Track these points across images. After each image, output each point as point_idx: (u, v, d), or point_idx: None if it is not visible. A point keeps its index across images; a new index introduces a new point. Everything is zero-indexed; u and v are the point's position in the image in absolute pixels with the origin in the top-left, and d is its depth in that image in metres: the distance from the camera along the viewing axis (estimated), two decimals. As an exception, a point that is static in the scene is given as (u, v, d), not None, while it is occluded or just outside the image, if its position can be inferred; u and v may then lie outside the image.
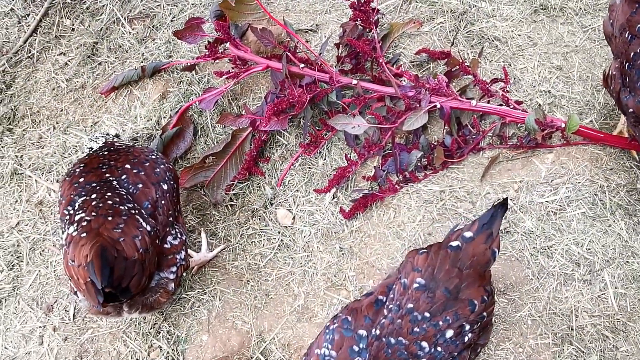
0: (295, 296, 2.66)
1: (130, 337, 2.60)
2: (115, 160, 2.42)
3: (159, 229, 2.31)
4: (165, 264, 2.31)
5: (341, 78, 2.78)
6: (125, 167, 2.39)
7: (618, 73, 2.39)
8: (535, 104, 2.87)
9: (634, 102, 2.28)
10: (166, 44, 3.29)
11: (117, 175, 2.36)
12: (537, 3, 3.15)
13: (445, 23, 3.13)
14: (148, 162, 2.44)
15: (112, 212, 2.17)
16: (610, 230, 2.58)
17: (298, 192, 2.88)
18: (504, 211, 2.03)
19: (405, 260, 2.05)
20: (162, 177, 2.43)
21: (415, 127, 2.67)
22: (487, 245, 1.97)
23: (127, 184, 2.35)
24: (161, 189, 2.39)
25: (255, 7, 2.81)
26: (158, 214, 2.34)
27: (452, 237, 2.00)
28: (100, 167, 2.39)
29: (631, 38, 2.30)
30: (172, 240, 2.38)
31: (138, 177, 2.37)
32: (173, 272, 2.34)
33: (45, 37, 3.43)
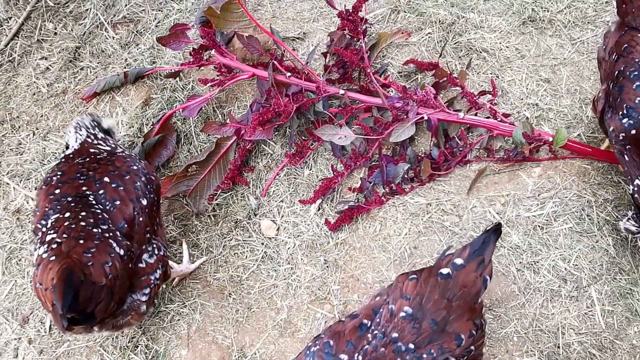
0: (278, 310, 2.60)
1: (107, 351, 2.53)
2: (94, 170, 2.31)
3: (134, 250, 2.24)
4: (138, 286, 2.24)
5: (328, 88, 2.74)
6: (104, 181, 2.28)
7: (603, 95, 2.40)
8: (523, 116, 2.85)
9: (614, 121, 2.27)
10: (150, 49, 3.23)
11: (95, 189, 2.25)
12: (525, 15, 3.13)
13: (433, 34, 3.11)
14: (129, 174, 2.34)
15: (84, 235, 2.08)
16: (598, 245, 2.55)
17: (283, 203, 2.82)
18: (497, 237, 1.98)
19: (395, 284, 1.99)
20: (143, 192, 2.33)
21: (402, 138, 2.64)
22: (478, 274, 1.92)
23: (104, 199, 2.24)
24: (140, 205, 2.29)
25: (241, 14, 2.76)
26: (134, 233, 2.24)
27: (442, 263, 1.94)
28: (78, 178, 2.28)
29: (617, 58, 2.31)
30: (148, 258, 2.30)
31: (116, 193, 2.26)
32: (146, 294, 2.26)
33: (27, 41, 3.36)
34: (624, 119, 2.23)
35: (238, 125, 2.77)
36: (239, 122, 2.84)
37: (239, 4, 2.67)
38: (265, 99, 2.78)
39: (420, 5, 3.19)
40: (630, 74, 2.24)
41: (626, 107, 2.23)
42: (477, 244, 1.93)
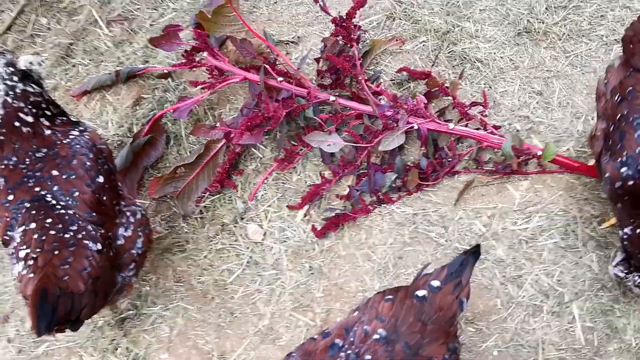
0: (261, 316, 2.60)
1: (87, 353, 2.53)
2: (40, 170, 2.15)
3: (111, 231, 2.19)
4: (123, 265, 2.21)
5: (319, 94, 2.73)
6: (53, 175, 2.14)
7: (602, 135, 2.31)
8: (514, 129, 2.84)
9: (612, 167, 2.17)
10: (143, 48, 3.21)
11: (48, 187, 2.12)
12: (521, 26, 3.12)
13: (427, 42, 3.09)
14: (75, 158, 2.17)
15: (58, 245, 2.01)
16: (581, 262, 2.55)
17: (270, 208, 2.82)
18: (476, 259, 1.97)
19: (371, 304, 1.97)
20: (95, 169, 2.20)
21: (392, 147, 2.63)
22: (454, 296, 1.91)
23: (62, 195, 2.12)
24: (98, 184, 2.18)
25: (234, 18, 2.74)
26: (104, 214, 2.17)
27: (419, 284, 1.94)
28: (27, 182, 2.14)
29: (620, 100, 2.22)
30: (124, 232, 2.24)
31: (70, 184, 2.13)
32: (131, 269, 2.25)
33: (19, 35, 3.35)
34: (622, 168, 2.13)
35: (228, 129, 2.76)
36: (229, 125, 2.83)
37: (231, 8, 2.65)
38: (256, 103, 2.77)
39: (415, 13, 3.17)
40: (633, 120, 2.13)
41: (626, 155, 2.12)
42: (455, 265, 1.93)
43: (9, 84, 2.12)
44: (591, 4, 3.15)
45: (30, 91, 2.18)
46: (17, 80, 2.14)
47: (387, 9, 3.18)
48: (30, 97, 2.18)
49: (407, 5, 3.20)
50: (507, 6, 3.19)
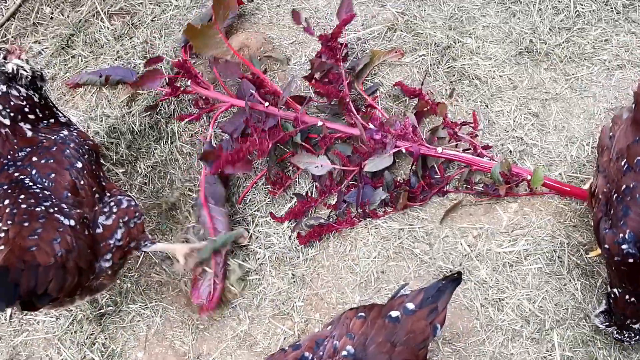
0: (240, 321, 2.59)
1: (64, 345, 2.53)
2: (21, 159, 2.18)
3: (88, 215, 2.18)
4: (99, 253, 2.19)
5: (307, 118, 2.71)
6: (33, 161, 2.16)
7: (604, 199, 2.21)
8: (506, 149, 2.82)
9: (612, 240, 2.09)
10: (143, 43, 3.21)
11: (27, 173, 2.15)
12: (522, 45, 3.09)
13: (427, 56, 3.07)
14: (55, 146, 2.21)
15: (27, 217, 2.01)
16: (565, 289, 2.53)
17: (258, 212, 2.81)
18: (455, 286, 1.95)
19: (343, 320, 1.97)
20: (75, 156, 2.21)
21: (379, 169, 2.62)
22: (427, 322, 1.89)
23: (40, 177, 2.13)
24: (76, 169, 2.19)
25: (219, 41, 2.68)
26: (82, 198, 2.17)
27: (394, 304, 1.93)
28: (7, 169, 2.16)
29: (627, 168, 2.12)
30: (105, 220, 2.23)
31: (48, 167, 2.15)
32: (107, 260, 2.22)
33: (22, 23, 3.35)
34: (624, 245, 2.05)
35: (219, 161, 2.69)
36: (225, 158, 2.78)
37: (217, 30, 2.61)
38: (244, 128, 2.75)
39: (417, 26, 3.16)
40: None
41: (629, 232, 2.04)
42: (432, 290, 1.92)
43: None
44: (596, 28, 3.13)
45: (13, 94, 2.21)
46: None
47: (389, 20, 3.16)
48: (12, 101, 2.21)
49: (409, 18, 3.18)
50: (511, 24, 3.16)
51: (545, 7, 3.18)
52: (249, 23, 3.24)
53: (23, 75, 2.24)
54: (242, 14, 3.26)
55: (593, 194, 2.32)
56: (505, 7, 3.22)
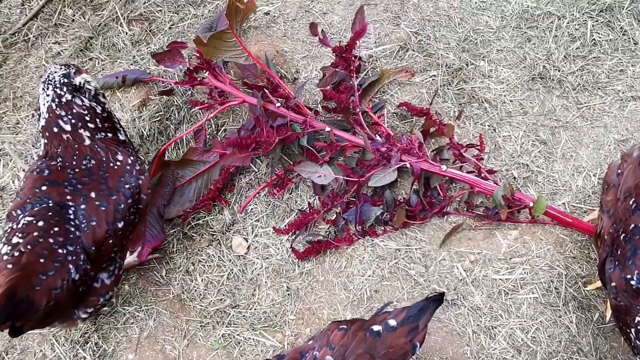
0: (232, 330, 2.61)
1: (58, 342, 2.57)
2: (84, 184, 2.24)
3: (93, 273, 2.22)
4: (84, 303, 2.23)
5: (315, 123, 2.73)
6: (89, 196, 2.22)
7: (609, 239, 2.15)
8: (510, 175, 2.80)
9: (619, 277, 2.04)
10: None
11: (78, 202, 2.19)
12: (536, 71, 3.07)
13: (438, 77, 3.07)
14: (116, 194, 2.27)
15: (47, 254, 2.04)
16: (560, 321, 2.49)
17: (258, 222, 2.83)
18: (436, 306, 1.96)
19: (325, 331, 1.99)
20: (123, 215, 2.27)
21: (382, 184, 2.62)
22: (407, 339, 1.90)
23: (82, 216, 2.18)
24: (115, 227, 2.24)
25: (234, 43, 2.71)
26: (99, 256, 2.21)
27: (376, 320, 1.94)
28: (66, 185, 2.22)
29: (635, 207, 2.07)
30: (106, 278, 2.29)
31: (96, 212, 2.20)
32: (87, 312, 2.26)
33: (44, 24, 3.44)
34: (632, 281, 1.99)
35: (223, 152, 2.77)
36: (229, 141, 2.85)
37: (232, 34, 2.64)
38: (253, 126, 2.78)
39: (430, 46, 3.16)
40: None
41: (637, 273, 1.99)
42: (414, 309, 1.92)
43: (58, 92, 2.29)
44: (612, 57, 3.09)
45: (77, 103, 2.32)
46: (66, 92, 2.30)
47: (401, 39, 3.17)
48: (74, 109, 2.31)
49: (423, 38, 3.19)
50: (525, 49, 3.14)
51: (562, 33, 3.16)
52: (263, 35, 3.28)
53: (88, 89, 2.38)
54: (258, 27, 3.30)
55: (598, 235, 2.26)
56: (521, 32, 3.20)
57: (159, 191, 2.78)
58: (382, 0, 3.33)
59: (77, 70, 2.39)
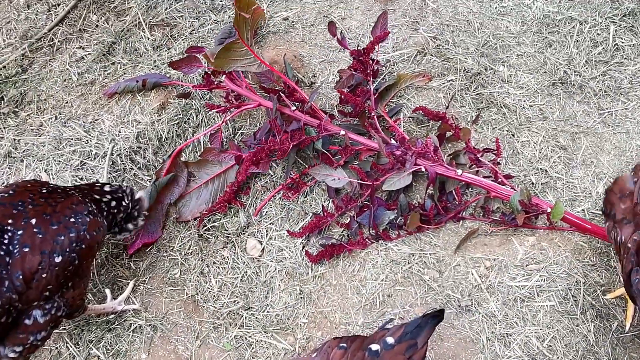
0: (245, 332, 2.61)
1: (72, 341, 2.60)
2: (34, 206, 2.15)
3: (19, 305, 2.05)
4: (10, 340, 2.09)
5: (330, 126, 2.73)
6: (30, 222, 2.10)
7: (633, 247, 2.06)
8: (529, 181, 2.75)
9: None
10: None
11: (18, 226, 2.08)
12: (556, 76, 3.03)
13: (455, 81, 3.05)
14: (59, 224, 2.15)
15: None
16: (577, 330, 2.43)
17: (272, 225, 2.84)
18: (436, 323, 1.93)
19: (325, 348, 1.97)
20: (62, 248, 2.12)
21: (396, 188, 2.61)
22: (406, 357, 1.87)
23: (17, 241, 2.05)
24: (51, 261, 2.09)
25: (245, 52, 2.71)
26: (28, 289, 2.05)
27: (375, 337, 1.92)
28: (16, 206, 2.13)
29: None
30: (39, 317, 2.12)
31: (32, 239, 2.07)
32: (16, 352, 2.12)
33: (69, 29, 3.52)
34: None
35: (239, 154, 2.79)
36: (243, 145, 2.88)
37: (242, 43, 2.66)
38: (268, 129, 2.80)
39: (449, 51, 3.14)
40: None
41: None
42: (412, 326, 1.90)
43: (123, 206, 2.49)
44: (635, 62, 3.03)
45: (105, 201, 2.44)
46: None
47: (419, 43, 3.16)
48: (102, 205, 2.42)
49: (441, 42, 3.17)
50: (546, 55, 3.10)
51: (583, 38, 3.11)
52: (282, 40, 3.30)
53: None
54: (276, 32, 3.33)
55: (621, 245, 2.15)
56: (542, 37, 3.16)
57: (169, 189, 2.84)
58: (401, 6, 3.33)
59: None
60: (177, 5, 3.50)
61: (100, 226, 2.33)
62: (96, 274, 2.76)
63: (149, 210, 2.74)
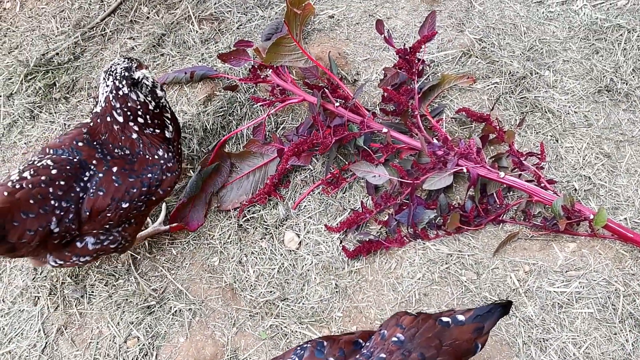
0: (280, 322, 2.65)
1: (114, 321, 2.69)
2: (113, 157, 2.39)
3: (73, 233, 2.32)
4: (58, 253, 2.37)
5: (372, 124, 2.75)
6: (111, 170, 2.35)
7: None
8: (571, 187, 2.73)
9: None
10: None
11: (99, 169, 2.34)
12: (602, 83, 3.00)
13: (500, 84, 3.04)
14: (135, 178, 2.39)
15: (39, 199, 2.20)
16: (615, 338, 2.40)
17: (310, 219, 2.87)
18: (503, 313, 1.96)
19: (391, 317, 2.01)
20: (132, 198, 2.38)
21: (437, 187, 2.61)
22: (473, 337, 1.90)
23: (94, 183, 2.32)
24: (117, 206, 2.36)
25: (293, 47, 2.74)
26: (89, 223, 2.33)
27: (445, 314, 1.96)
28: (98, 150, 2.37)
29: None
30: (91, 244, 2.40)
31: (107, 186, 2.33)
32: (57, 263, 2.41)
33: (121, 20, 3.63)
34: None
35: (280, 146, 2.84)
36: (287, 137, 2.93)
37: (291, 39, 2.70)
38: (311, 124, 2.84)
39: (494, 54, 3.13)
40: None
41: None
42: (483, 310, 1.93)
43: (116, 85, 2.39)
44: (685, 72, 2.98)
45: (132, 97, 2.40)
46: (124, 85, 2.39)
47: (465, 45, 3.16)
48: (129, 102, 2.40)
49: (487, 45, 3.17)
50: (593, 61, 3.08)
51: (631, 47, 3.07)
52: (327, 38, 3.34)
53: (145, 84, 2.45)
54: (321, 29, 3.37)
55: None
56: (589, 44, 3.14)
57: (212, 179, 2.90)
58: (447, 7, 3.34)
59: (138, 65, 2.47)
60: (225, 0, 3.57)
61: (174, 180, 2.53)
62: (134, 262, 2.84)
63: (194, 199, 2.85)
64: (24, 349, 2.65)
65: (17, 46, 3.59)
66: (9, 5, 3.79)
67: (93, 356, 2.61)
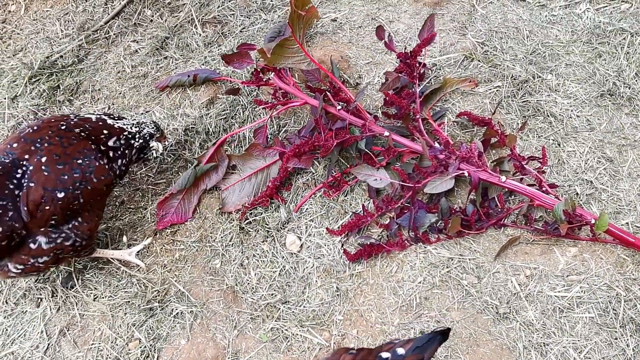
0: (281, 325, 2.66)
1: (116, 323, 2.70)
2: (49, 144, 2.37)
3: (22, 232, 2.31)
4: (15, 258, 2.36)
5: (374, 127, 2.76)
6: (41, 160, 2.33)
7: None
8: (573, 191, 2.73)
9: None
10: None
11: (32, 160, 2.33)
12: (605, 87, 2.99)
13: (502, 88, 3.04)
14: (66, 164, 2.37)
15: None
16: (616, 343, 2.40)
17: (312, 222, 2.88)
18: (443, 340, 1.95)
19: (334, 355, 2.00)
20: (65, 185, 2.36)
21: (438, 191, 2.61)
22: None
23: (27, 175, 2.31)
24: (52, 196, 2.33)
25: (296, 50, 2.75)
26: (33, 218, 2.31)
27: (384, 348, 1.94)
28: (34, 142, 2.36)
29: None
30: (45, 242, 2.39)
31: (37, 177, 2.31)
32: (18, 269, 2.39)
33: (124, 23, 3.65)
34: None
35: (282, 149, 2.85)
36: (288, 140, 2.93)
37: (295, 41, 2.71)
38: (313, 127, 2.85)
39: (496, 57, 3.14)
40: None
41: None
42: (421, 341, 1.92)
43: (134, 135, 2.70)
44: (688, 77, 2.97)
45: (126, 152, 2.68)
46: (137, 141, 2.71)
47: (467, 48, 3.16)
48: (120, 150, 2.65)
49: (489, 48, 3.17)
50: (596, 65, 3.07)
51: (634, 51, 3.07)
52: (329, 41, 3.35)
53: (150, 155, 2.83)
54: (324, 33, 3.38)
55: None
56: (592, 47, 3.13)
57: (207, 176, 2.95)
58: (450, 10, 3.34)
59: (161, 136, 2.79)
60: (229, 3, 3.59)
61: (108, 172, 2.55)
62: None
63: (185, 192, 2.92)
64: (27, 350, 2.66)
65: (22, 49, 3.62)
66: (14, 8, 3.81)
67: (95, 358, 2.63)
